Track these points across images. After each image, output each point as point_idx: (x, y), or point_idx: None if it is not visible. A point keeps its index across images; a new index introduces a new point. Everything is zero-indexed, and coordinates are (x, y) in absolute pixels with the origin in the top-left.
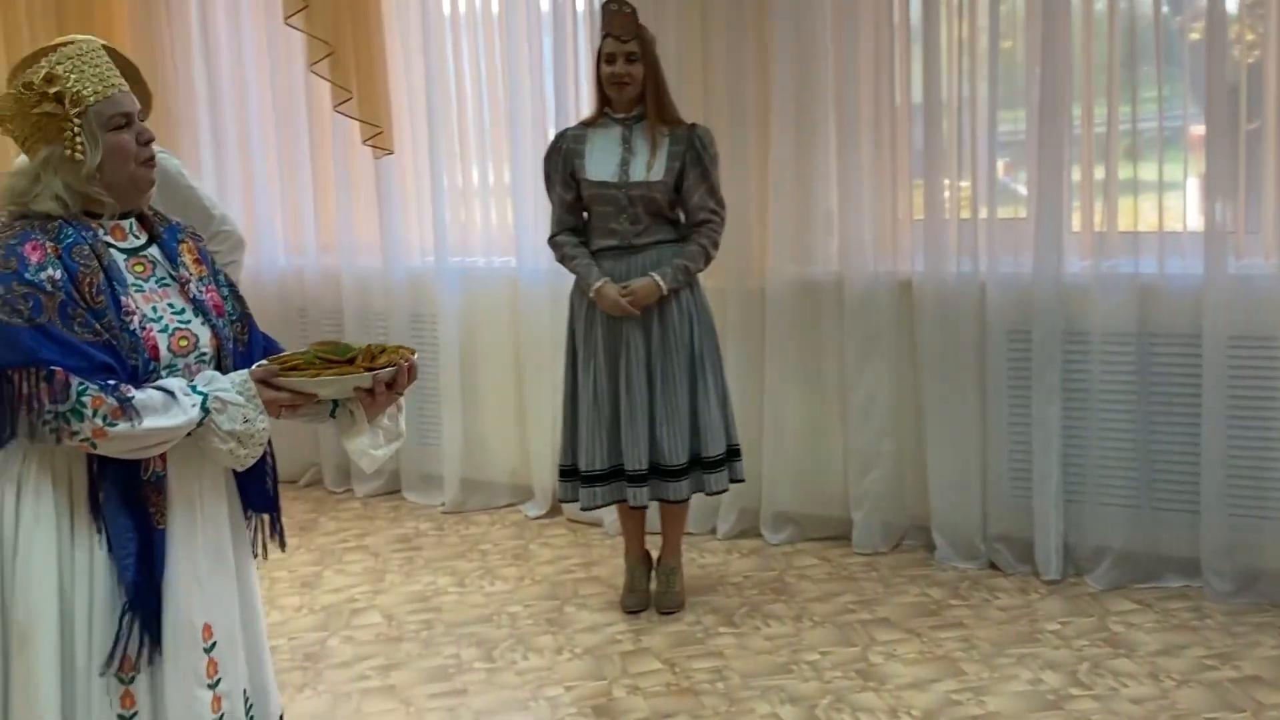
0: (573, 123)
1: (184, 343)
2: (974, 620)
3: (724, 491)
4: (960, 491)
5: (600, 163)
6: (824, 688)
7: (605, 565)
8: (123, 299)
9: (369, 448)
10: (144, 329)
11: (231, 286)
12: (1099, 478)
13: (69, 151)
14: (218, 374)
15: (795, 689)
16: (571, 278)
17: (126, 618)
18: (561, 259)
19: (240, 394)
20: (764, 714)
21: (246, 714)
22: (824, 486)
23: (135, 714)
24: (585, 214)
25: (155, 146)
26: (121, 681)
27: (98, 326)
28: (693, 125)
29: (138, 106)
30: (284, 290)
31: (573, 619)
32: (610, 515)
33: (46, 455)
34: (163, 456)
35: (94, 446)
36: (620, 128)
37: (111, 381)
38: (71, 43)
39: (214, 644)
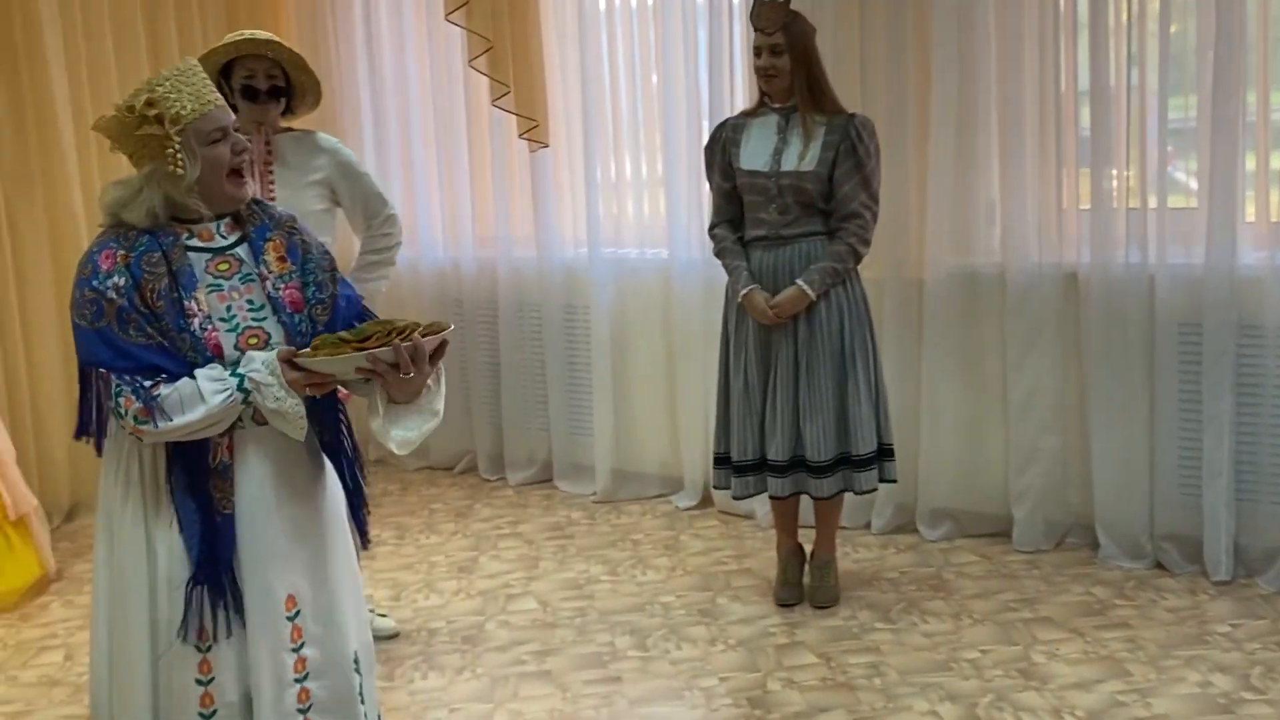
0: (727, 114)
1: (254, 340)
2: (1140, 621)
3: (872, 491)
4: (1126, 489)
5: (754, 152)
6: (984, 686)
7: (757, 558)
8: (185, 302)
9: (392, 428)
10: (205, 330)
11: (324, 275)
12: (1273, 476)
13: (171, 167)
14: (255, 355)
15: (955, 687)
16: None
17: (193, 592)
18: (717, 253)
19: (270, 374)
20: (923, 711)
21: (355, 670)
22: (983, 482)
23: (212, 680)
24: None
25: (329, 139)
26: (199, 649)
27: (150, 330)
28: (852, 115)
29: (233, 118)
30: (441, 283)
31: (725, 610)
32: (763, 507)
33: (137, 445)
34: (230, 446)
35: (140, 440)
36: (777, 117)
37: (147, 383)
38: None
39: (298, 612)
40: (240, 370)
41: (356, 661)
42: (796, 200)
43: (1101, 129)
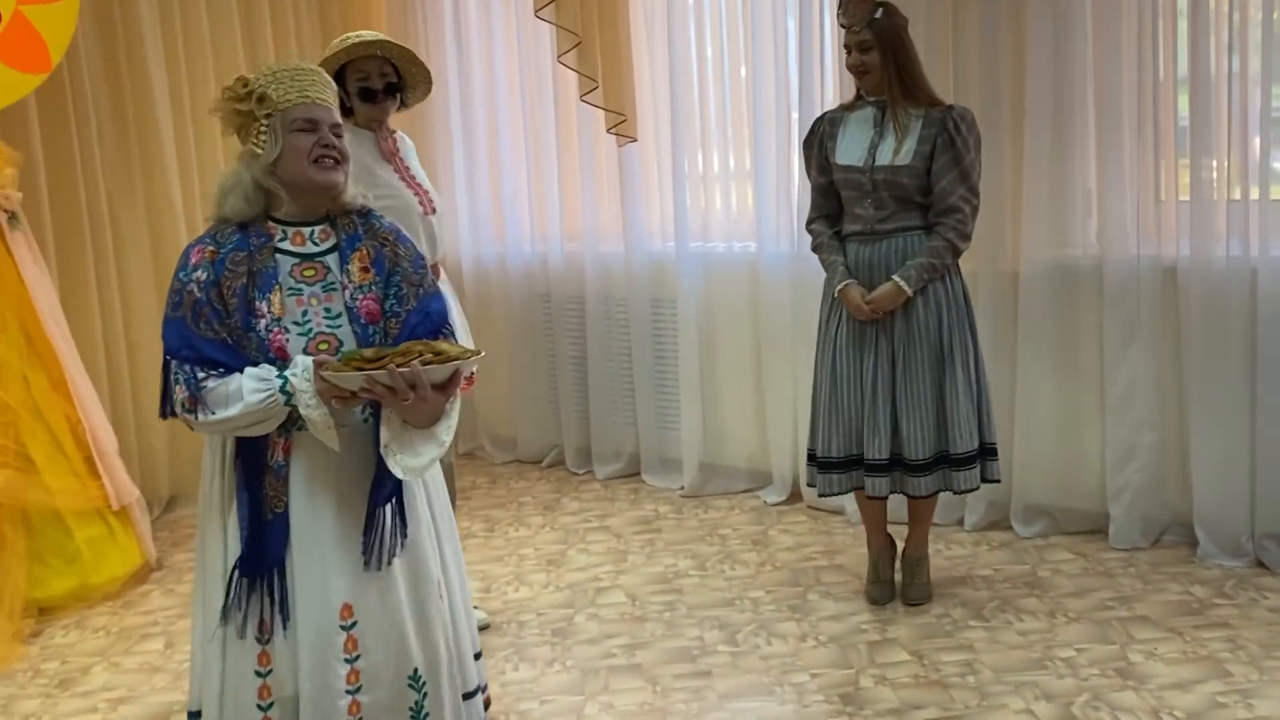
0: (817, 106)
1: (324, 346)
2: (1240, 620)
3: (974, 490)
4: (1226, 486)
5: (850, 146)
6: (1080, 685)
7: (848, 554)
8: (257, 303)
9: (399, 454)
10: (271, 331)
11: (411, 289)
12: None
13: (255, 146)
14: (301, 358)
15: (1050, 685)
16: (821, 267)
17: (233, 581)
18: (814, 248)
19: (306, 380)
20: (1017, 710)
21: (413, 686)
22: (1079, 479)
23: (270, 672)
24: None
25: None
26: (259, 641)
27: (218, 326)
28: (950, 106)
29: (333, 119)
30: (529, 277)
31: (816, 606)
32: (852, 504)
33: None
34: (286, 447)
35: (192, 429)
36: (874, 110)
37: (200, 374)
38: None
39: (354, 623)
40: (285, 373)
41: (417, 678)
42: (892, 195)
43: (1201, 118)
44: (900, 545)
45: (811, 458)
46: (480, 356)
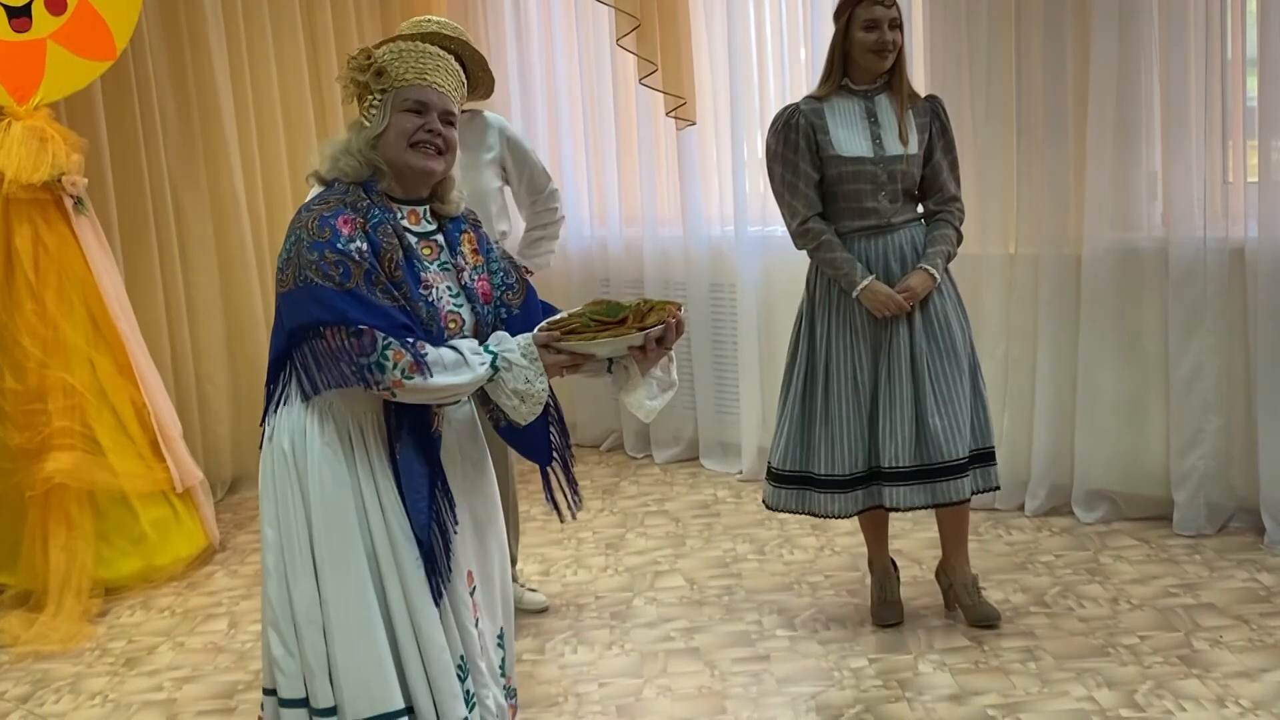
0: None
1: (453, 324)
2: None
3: (999, 489)
4: None
5: (849, 138)
6: (1144, 673)
7: (905, 539)
8: (422, 274)
9: (645, 399)
10: (440, 302)
11: (507, 263)
12: None
13: (363, 117)
14: (507, 335)
15: (1112, 673)
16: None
17: (423, 552)
18: (816, 249)
19: (524, 356)
20: (1079, 697)
21: (499, 645)
22: (1143, 464)
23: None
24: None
25: (497, 117)
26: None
27: (395, 294)
28: (932, 97)
29: (445, 106)
30: (588, 261)
31: None
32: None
33: (330, 406)
34: (441, 419)
35: (394, 395)
36: (860, 100)
37: (410, 339)
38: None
39: (474, 589)
40: (493, 348)
41: (501, 638)
42: (903, 186)
43: (1269, 99)
44: (890, 567)
45: (798, 480)
46: (682, 308)
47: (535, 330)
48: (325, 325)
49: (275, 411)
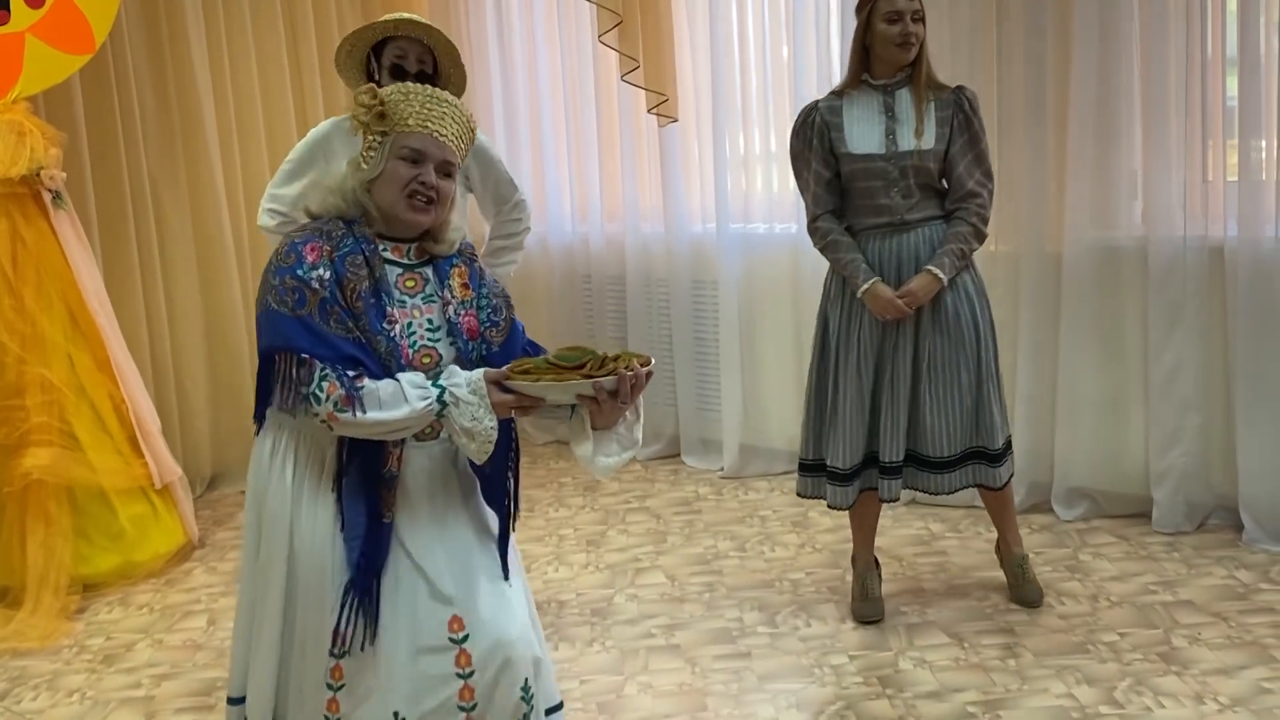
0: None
1: (426, 359)
2: None
3: (1002, 488)
4: (1273, 470)
5: (863, 134)
6: (1123, 670)
7: (886, 535)
8: (388, 308)
9: (600, 456)
10: (401, 340)
11: (499, 299)
12: None
13: (361, 157)
14: (457, 369)
15: (1092, 670)
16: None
17: (350, 598)
18: (824, 248)
19: (473, 392)
20: (1058, 694)
21: (524, 697)
22: (1122, 462)
23: (342, 686)
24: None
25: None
26: (333, 654)
27: (351, 325)
28: (959, 88)
29: (444, 157)
30: (570, 258)
31: None
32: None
33: (298, 430)
34: (399, 457)
35: (331, 428)
36: (880, 95)
37: (351, 373)
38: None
39: (466, 636)
40: (442, 382)
41: (527, 688)
42: (918, 182)
43: (1250, 99)
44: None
45: (817, 468)
46: (650, 364)
47: (486, 369)
48: (276, 351)
49: (258, 437)
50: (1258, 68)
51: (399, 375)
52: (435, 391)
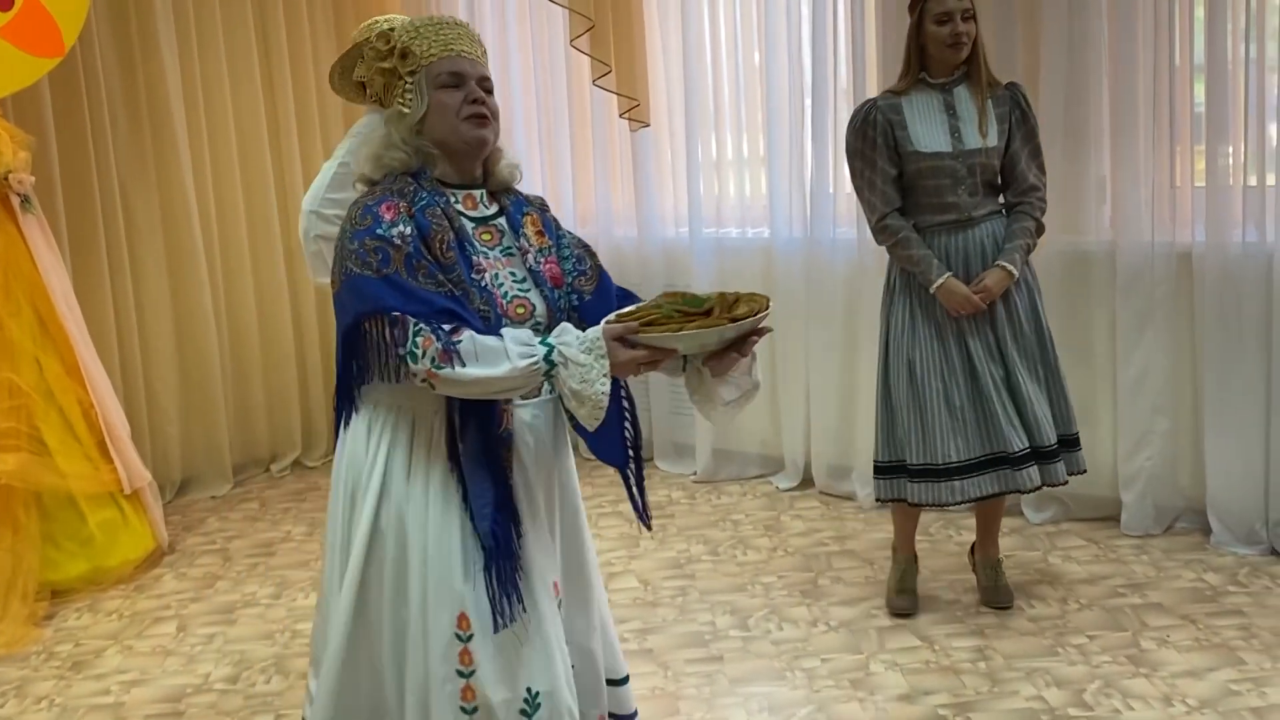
0: (830, 91)
1: (521, 310)
2: (1254, 608)
3: (1084, 472)
4: (1240, 473)
5: (928, 132)
6: (1092, 672)
7: (859, 539)
8: (474, 258)
9: (724, 400)
10: (495, 288)
11: (580, 249)
12: None
13: (400, 105)
14: (570, 327)
15: (1061, 672)
16: (834, 252)
17: (492, 572)
18: (894, 245)
19: (586, 351)
20: (1028, 696)
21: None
22: (1091, 465)
23: (473, 672)
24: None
25: None
26: (459, 638)
27: (441, 278)
28: (1013, 84)
29: (481, 73)
30: None
31: (827, 591)
32: (865, 489)
33: (397, 406)
34: (510, 415)
35: (432, 387)
36: (939, 93)
37: (446, 326)
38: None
39: (560, 600)
40: (551, 340)
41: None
42: (984, 179)
43: (1217, 105)
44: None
45: (897, 469)
46: (771, 303)
47: (606, 321)
48: (364, 317)
49: (345, 429)
50: (1225, 74)
51: (504, 331)
52: (542, 350)
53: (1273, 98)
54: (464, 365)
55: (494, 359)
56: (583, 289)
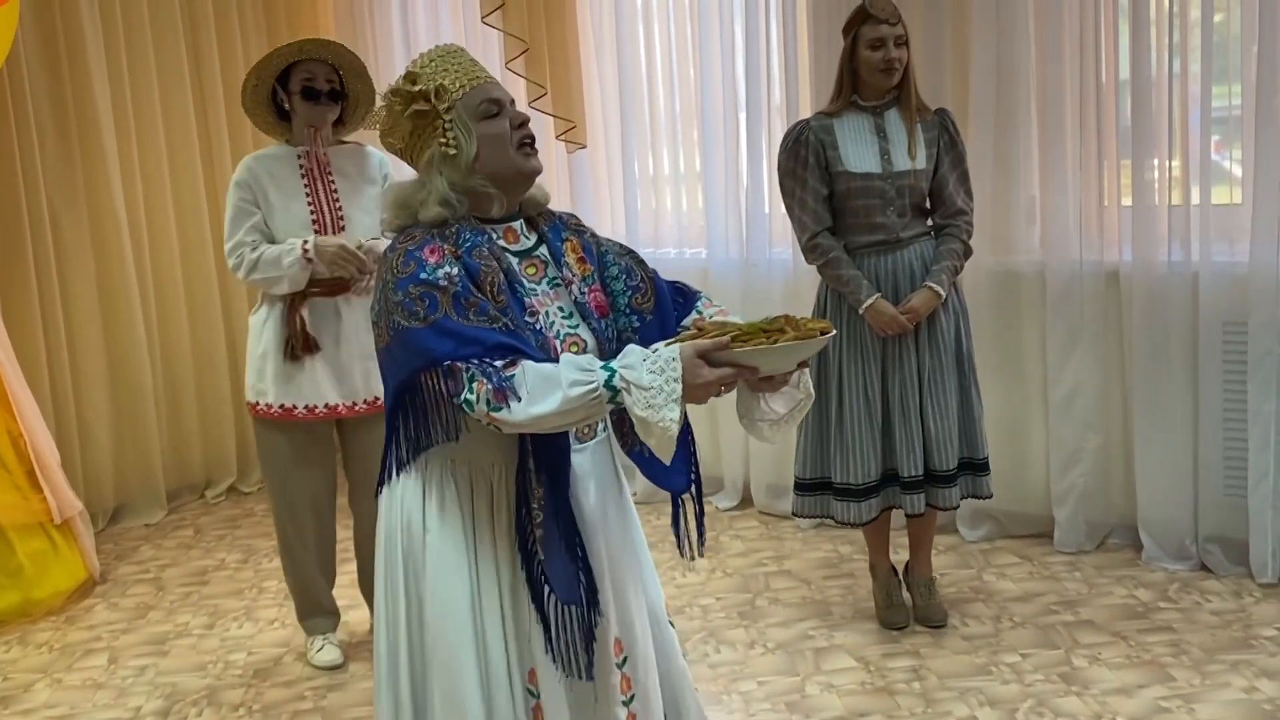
0: (764, 108)
1: (575, 348)
2: (1184, 624)
3: (990, 497)
4: (1170, 490)
5: (858, 153)
6: (1025, 691)
7: (797, 559)
8: (526, 299)
9: (778, 415)
10: (547, 331)
11: (626, 257)
12: None
13: (444, 147)
14: (635, 348)
15: (994, 691)
16: (770, 273)
17: (568, 616)
18: (824, 265)
19: (654, 373)
20: (962, 716)
21: None
22: (1024, 483)
23: None
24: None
25: (380, 153)
26: (532, 694)
27: (494, 312)
28: (942, 110)
29: (509, 95)
30: None
31: (765, 613)
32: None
33: (451, 468)
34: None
35: (499, 429)
36: (870, 116)
37: (499, 362)
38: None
39: (625, 659)
40: (613, 364)
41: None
42: (911, 201)
43: (1143, 119)
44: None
45: (819, 487)
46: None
47: (685, 336)
48: (419, 372)
49: (391, 483)
50: (1149, 89)
51: (563, 357)
52: (602, 375)
53: (1196, 112)
54: (519, 401)
55: (549, 389)
56: (642, 308)
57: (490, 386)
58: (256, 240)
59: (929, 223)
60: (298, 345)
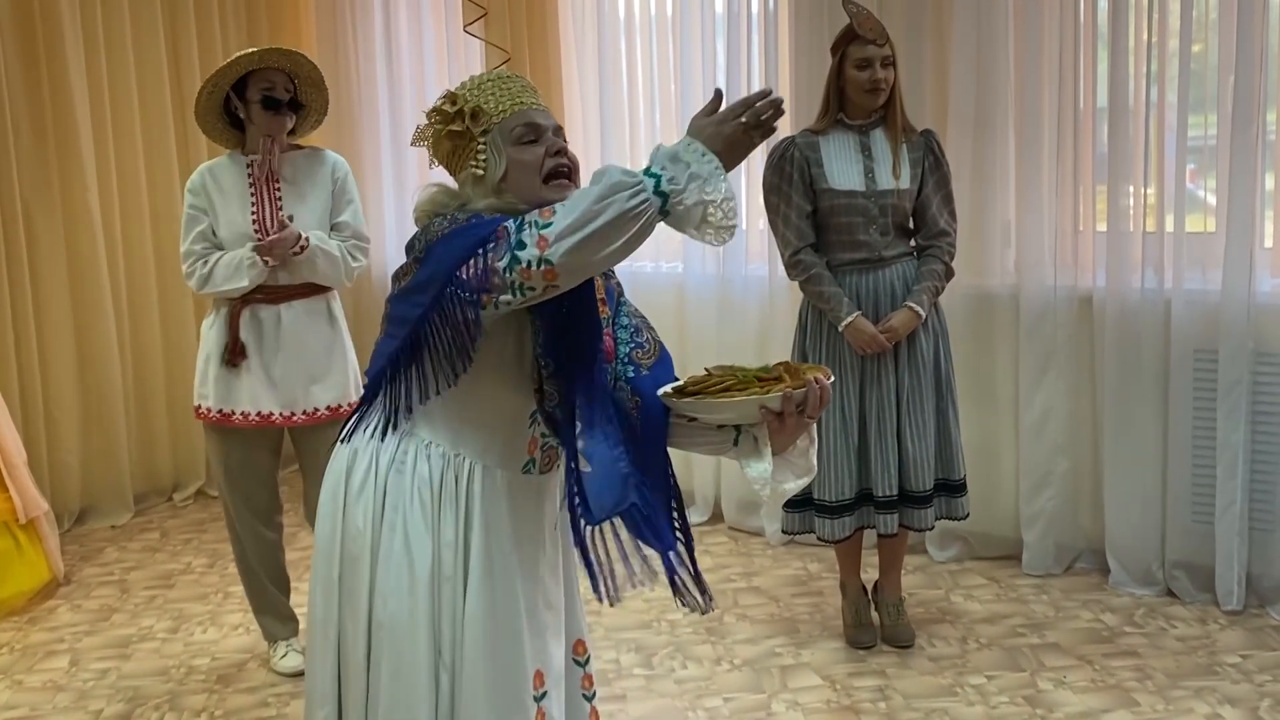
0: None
1: None
2: (1149, 649)
3: (966, 518)
4: (1138, 515)
5: (843, 170)
6: (990, 713)
7: (766, 575)
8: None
9: (774, 477)
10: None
11: (637, 319)
12: None
13: (475, 168)
14: (664, 146)
15: (959, 712)
16: (746, 289)
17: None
18: (805, 281)
19: (689, 153)
20: None
21: None
22: (994, 505)
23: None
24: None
25: (335, 155)
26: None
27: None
28: (927, 131)
29: (556, 123)
30: None
31: (732, 629)
32: (773, 525)
33: (426, 443)
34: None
35: (553, 265)
36: (856, 134)
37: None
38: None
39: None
40: (653, 169)
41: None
42: (894, 220)
43: (1120, 146)
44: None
45: (803, 503)
46: (831, 379)
47: (690, 380)
48: (448, 284)
49: (363, 433)
50: (1126, 116)
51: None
52: (650, 182)
53: (1172, 141)
54: (564, 206)
55: (588, 191)
56: (640, 362)
57: (535, 214)
58: (206, 249)
59: (912, 243)
60: (230, 352)
